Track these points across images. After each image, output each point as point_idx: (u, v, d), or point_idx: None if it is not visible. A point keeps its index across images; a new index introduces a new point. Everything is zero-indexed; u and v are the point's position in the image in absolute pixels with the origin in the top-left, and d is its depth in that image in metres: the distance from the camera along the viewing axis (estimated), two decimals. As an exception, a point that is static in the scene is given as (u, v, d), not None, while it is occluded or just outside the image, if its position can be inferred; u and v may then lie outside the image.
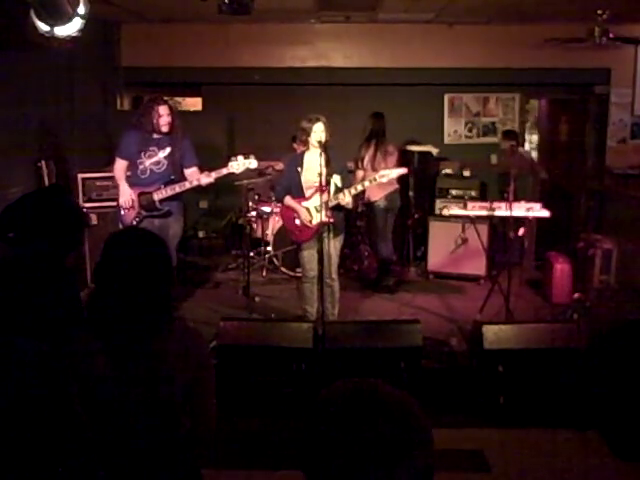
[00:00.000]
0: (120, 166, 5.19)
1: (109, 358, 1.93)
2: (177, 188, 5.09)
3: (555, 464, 3.63)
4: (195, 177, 5.10)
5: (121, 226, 5.24)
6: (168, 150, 5.10)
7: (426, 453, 1.07)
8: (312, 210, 4.89)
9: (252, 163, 5.09)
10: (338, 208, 4.85)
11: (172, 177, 5.12)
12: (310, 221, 4.90)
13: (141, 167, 5.12)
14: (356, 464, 1.03)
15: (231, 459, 3.62)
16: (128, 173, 5.22)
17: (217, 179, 5.15)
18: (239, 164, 5.05)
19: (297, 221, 4.99)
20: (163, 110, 5.03)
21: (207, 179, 5.06)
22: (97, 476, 1.97)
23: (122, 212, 5.16)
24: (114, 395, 1.92)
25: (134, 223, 5.11)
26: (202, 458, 2.07)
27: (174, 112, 5.21)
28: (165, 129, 5.06)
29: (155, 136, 5.09)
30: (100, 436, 1.96)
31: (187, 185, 5.10)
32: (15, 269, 2.40)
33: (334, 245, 4.89)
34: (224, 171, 5.08)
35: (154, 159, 5.11)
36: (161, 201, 5.11)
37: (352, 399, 1.10)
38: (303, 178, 4.92)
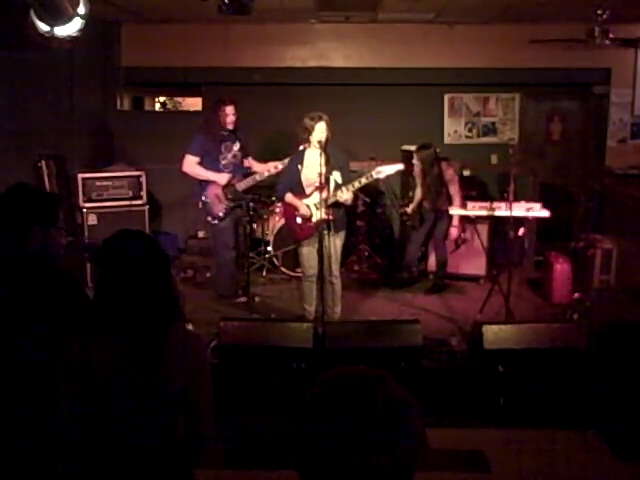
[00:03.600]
0: (193, 162, 5.62)
1: (109, 357, 1.94)
2: (257, 177, 5.71)
3: (555, 464, 3.63)
4: (259, 166, 5.80)
5: (209, 218, 5.73)
6: (239, 144, 5.71)
7: (409, 447, 1.08)
8: (312, 207, 4.91)
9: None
10: (337, 205, 4.85)
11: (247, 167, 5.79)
12: (310, 217, 4.91)
13: (224, 162, 5.66)
14: (345, 443, 1.05)
15: (231, 459, 3.62)
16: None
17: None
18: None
19: (298, 218, 5.00)
20: (229, 110, 5.58)
21: (274, 170, 5.65)
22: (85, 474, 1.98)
23: (211, 203, 5.65)
24: (113, 393, 1.92)
25: (221, 215, 5.67)
26: (197, 460, 2.07)
27: (237, 110, 5.69)
28: (231, 126, 5.63)
29: (225, 132, 5.63)
30: (98, 433, 1.97)
31: (264, 173, 5.68)
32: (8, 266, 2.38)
33: (335, 243, 4.88)
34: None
35: (233, 152, 5.70)
36: (244, 192, 5.73)
37: (347, 381, 1.13)
38: (303, 176, 4.94)
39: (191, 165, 5.63)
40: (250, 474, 3.59)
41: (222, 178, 5.63)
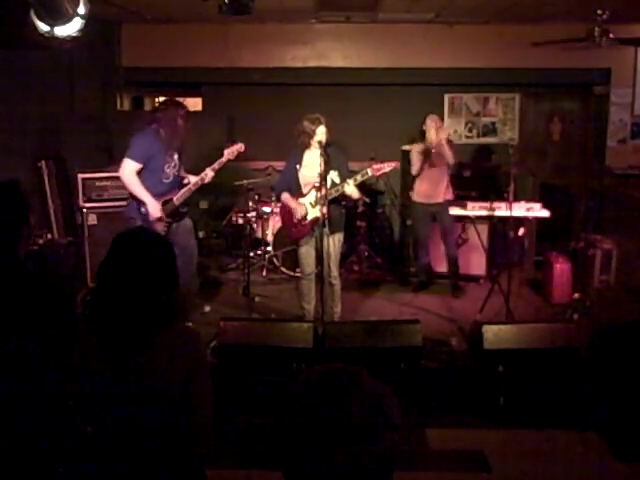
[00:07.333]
0: (134, 170, 4.82)
1: (108, 356, 1.94)
2: (192, 188, 5.04)
3: (555, 464, 3.63)
4: (199, 175, 5.08)
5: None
6: (177, 153, 4.99)
7: (390, 439, 1.10)
8: (308, 206, 4.94)
9: (242, 147, 5.18)
10: (337, 202, 4.85)
11: (181, 178, 5.12)
12: (304, 217, 4.93)
13: (167, 170, 4.92)
14: (319, 438, 1.06)
15: (231, 459, 3.62)
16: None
17: (218, 171, 5.14)
18: (232, 150, 5.15)
19: (293, 218, 5.02)
20: (184, 116, 4.91)
21: (212, 173, 5.07)
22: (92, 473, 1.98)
23: (152, 222, 4.84)
24: (113, 393, 1.93)
25: (163, 234, 4.71)
26: (203, 457, 2.07)
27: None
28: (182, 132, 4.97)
29: (167, 140, 4.90)
30: (101, 435, 1.97)
31: (199, 183, 5.05)
32: None
33: (333, 243, 4.89)
34: (223, 160, 5.12)
35: (173, 163, 4.97)
36: (181, 204, 5.07)
37: (326, 379, 1.15)
38: (301, 175, 4.97)
39: (131, 173, 4.82)
40: (250, 474, 3.59)
41: (155, 208, 4.84)
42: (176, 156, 4.99)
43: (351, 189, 4.76)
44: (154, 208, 4.84)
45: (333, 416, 1.07)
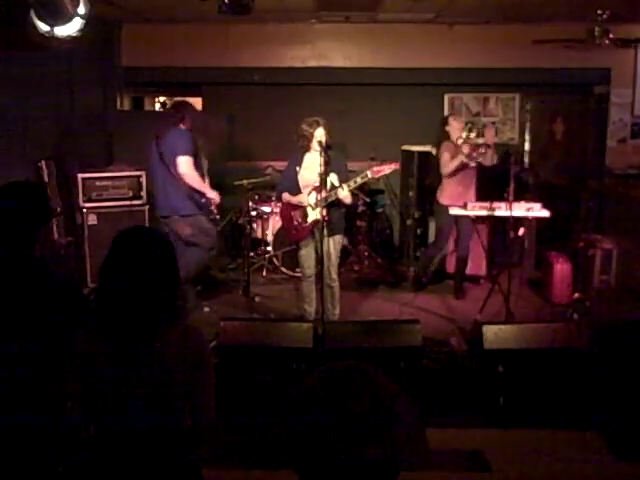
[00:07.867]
0: (192, 164, 5.23)
1: (112, 355, 1.94)
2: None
3: (555, 464, 3.63)
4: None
5: (218, 228, 5.77)
6: None
7: (401, 438, 1.10)
8: (308, 208, 4.93)
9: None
10: (334, 206, 4.86)
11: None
12: (305, 217, 4.93)
13: (198, 162, 5.37)
14: (331, 435, 1.07)
15: (231, 459, 3.62)
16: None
17: None
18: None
19: (294, 221, 5.02)
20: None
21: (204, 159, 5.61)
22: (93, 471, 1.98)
23: (210, 212, 5.43)
24: (116, 391, 1.93)
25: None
26: (202, 457, 2.07)
27: None
28: None
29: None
30: (102, 433, 1.97)
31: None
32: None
33: (333, 245, 4.89)
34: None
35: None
36: None
37: (338, 374, 1.16)
38: (300, 177, 4.97)
39: (191, 168, 5.18)
40: (250, 474, 3.59)
41: (216, 194, 5.39)
42: None
43: (344, 194, 4.75)
44: (215, 194, 5.38)
45: (346, 413, 1.07)
